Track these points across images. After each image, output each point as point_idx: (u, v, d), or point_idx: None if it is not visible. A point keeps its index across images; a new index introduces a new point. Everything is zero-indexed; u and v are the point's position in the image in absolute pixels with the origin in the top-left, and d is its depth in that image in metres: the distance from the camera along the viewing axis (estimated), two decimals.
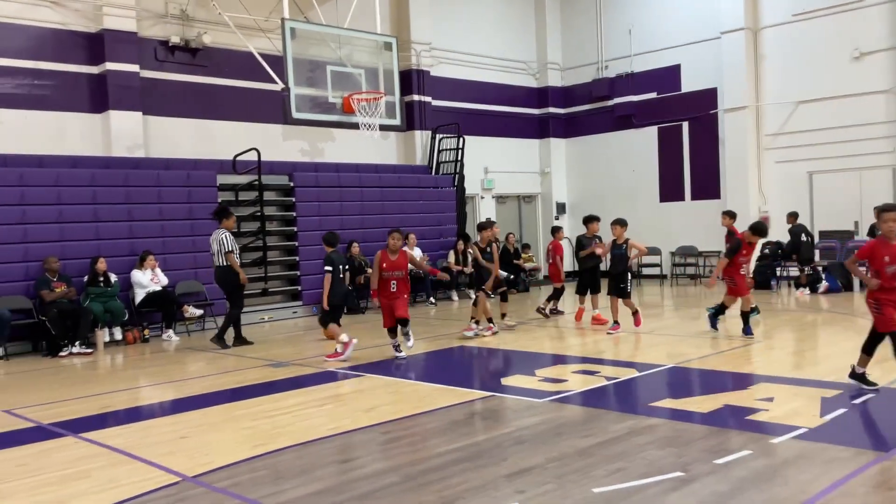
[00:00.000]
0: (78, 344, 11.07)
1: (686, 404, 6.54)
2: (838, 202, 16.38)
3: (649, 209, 19.62)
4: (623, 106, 19.98)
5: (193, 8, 14.59)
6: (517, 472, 4.90)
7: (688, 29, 18.74)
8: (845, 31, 16.24)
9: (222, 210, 11.32)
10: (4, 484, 5.14)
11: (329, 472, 5.12)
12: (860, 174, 16.29)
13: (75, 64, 13.44)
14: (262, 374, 8.95)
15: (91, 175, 12.47)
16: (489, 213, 20.07)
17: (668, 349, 9.41)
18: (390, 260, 9.15)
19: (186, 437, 6.23)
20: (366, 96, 12.33)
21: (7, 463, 5.65)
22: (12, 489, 5.05)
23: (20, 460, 5.71)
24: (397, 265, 9.17)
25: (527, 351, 9.95)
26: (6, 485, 5.13)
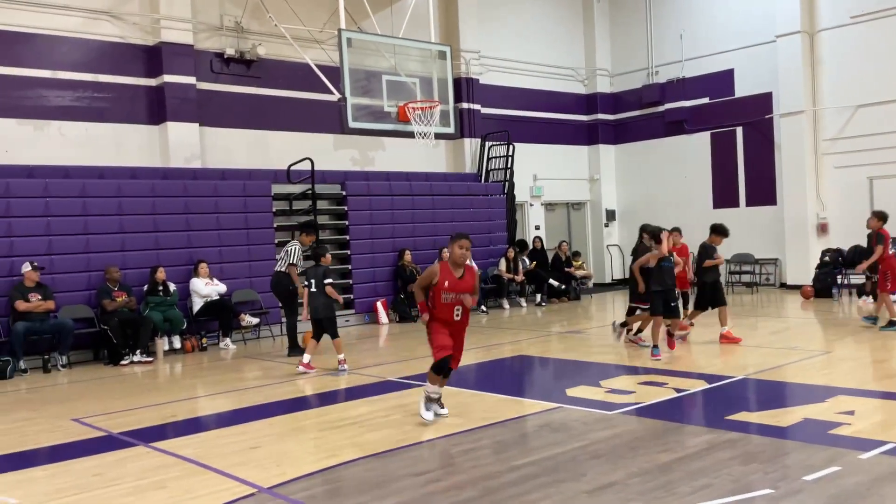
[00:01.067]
0: (138, 352, 11.21)
1: (764, 418, 6.35)
2: None
3: (702, 216, 19.17)
4: (674, 111, 19.70)
5: (248, 20, 14.76)
6: (599, 488, 4.79)
7: (741, 33, 18.41)
8: None
9: (306, 224, 11.81)
10: (84, 493, 5.19)
11: (405, 485, 5.05)
12: None
13: (134, 77, 13.67)
14: (322, 383, 8.96)
15: (150, 186, 12.65)
16: (538, 220, 19.95)
17: (733, 360, 9.19)
18: (454, 278, 6.48)
19: (256, 447, 6.23)
20: (421, 105, 12.32)
21: (84, 472, 5.70)
22: (92, 498, 5.08)
23: (95, 469, 5.76)
24: (463, 286, 6.52)
25: (586, 361, 9.81)
26: (86, 494, 5.17)
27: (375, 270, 15.02)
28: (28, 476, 5.73)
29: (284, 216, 14.25)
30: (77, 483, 5.43)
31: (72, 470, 5.80)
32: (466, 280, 6.60)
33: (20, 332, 10.52)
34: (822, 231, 17.19)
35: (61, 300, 11.31)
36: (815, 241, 17.09)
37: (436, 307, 6.54)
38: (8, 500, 5.13)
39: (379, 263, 15.15)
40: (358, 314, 14.79)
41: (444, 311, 6.53)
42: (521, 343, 11.53)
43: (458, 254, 6.61)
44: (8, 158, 12.22)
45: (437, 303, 6.53)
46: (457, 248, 6.61)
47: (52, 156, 12.63)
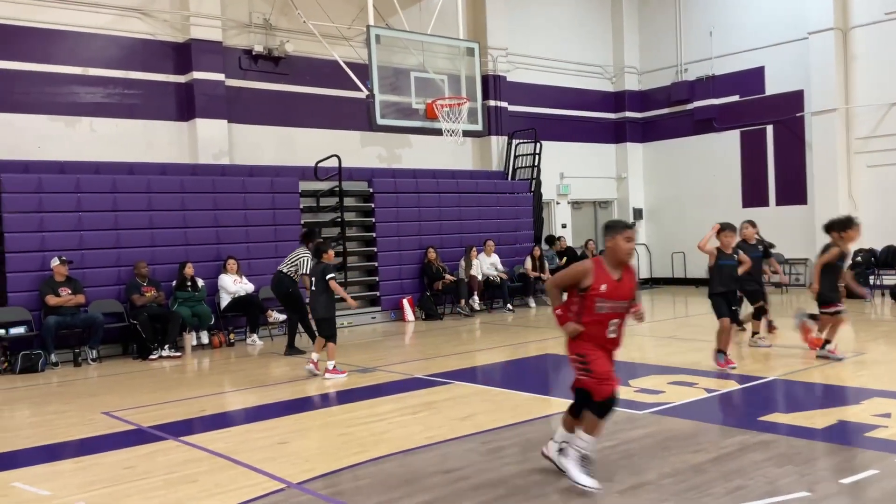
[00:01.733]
0: (167, 347, 11.29)
1: (797, 419, 6.25)
2: None
3: (731, 215, 18.86)
4: (703, 109, 19.49)
5: (277, 17, 14.82)
6: (631, 488, 4.73)
7: (772, 30, 18.17)
8: None
9: (309, 233, 11.29)
10: (115, 486, 5.22)
11: (434, 482, 5.03)
12: None
13: (164, 73, 13.78)
14: (350, 379, 8.95)
15: (180, 182, 12.74)
16: (565, 219, 19.84)
17: (763, 361, 9.06)
18: (612, 281, 4.79)
19: (285, 442, 6.24)
20: (449, 102, 12.29)
21: (115, 465, 5.74)
22: (123, 492, 5.11)
23: (126, 463, 5.79)
24: (623, 292, 4.84)
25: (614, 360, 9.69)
26: (117, 487, 5.20)
27: (402, 268, 15.02)
28: (59, 468, 5.79)
29: (311, 213, 14.30)
30: (108, 476, 5.47)
31: (102, 463, 5.84)
32: (626, 284, 4.85)
33: (51, 326, 10.65)
34: None
35: (92, 295, 11.44)
36: None
37: (585, 319, 4.80)
38: (40, 492, 5.18)
39: (405, 261, 15.15)
40: (384, 312, 14.80)
41: (595, 326, 4.80)
42: (548, 342, 11.44)
43: (624, 249, 4.81)
44: (40, 154, 12.37)
45: (586, 313, 4.79)
46: (623, 240, 4.81)
47: (83, 152, 12.77)
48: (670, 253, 20.29)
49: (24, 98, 12.41)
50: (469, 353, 10.45)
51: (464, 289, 14.99)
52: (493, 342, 11.65)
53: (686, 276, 19.89)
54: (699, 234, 20.01)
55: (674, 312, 15.02)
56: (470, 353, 10.51)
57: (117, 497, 5.00)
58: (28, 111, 12.42)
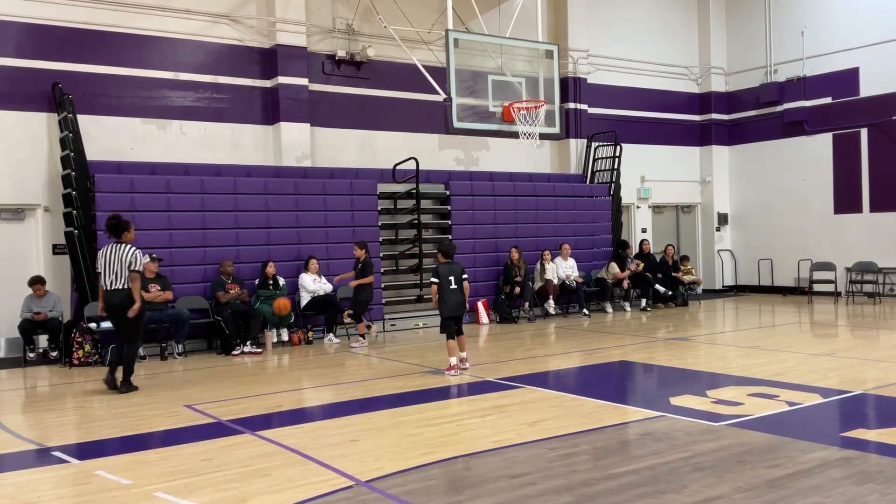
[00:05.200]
0: (249, 343, 11.63)
1: (883, 436, 5.97)
2: None
3: (822, 221, 18.36)
4: (793, 112, 18.82)
5: (359, 23, 15.08)
6: (701, 502, 4.61)
7: (867, 29, 17.40)
8: None
9: (124, 224, 9.06)
10: (193, 478, 5.41)
11: (501, 486, 5.02)
12: None
13: (250, 78, 14.20)
14: (422, 381, 9.03)
15: (264, 183, 13.11)
16: (645, 223, 19.48)
17: (851, 374, 8.69)
18: None
19: (356, 440, 6.34)
20: (526, 105, 12.24)
21: (193, 457, 5.96)
22: (200, 483, 5.30)
23: (204, 455, 6.00)
24: None
25: (693, 369, 9.49)
26: (194, 479, 5.39)
27: (477, 270, 15.03)
28: (142, 458, 6.03)
29: (389, 215, 14.48)
30: (186, 467, 5.68)
31: (182, 454, 6.07)
32: None
33: None
34: None
35: (179, 291, 11.89)
36: None
37: None
38: (121, 481, 5.41)
39: (480, 264, 15.17)
40: None
41: None
42: (624, 348, 11.29)
43: None
44: (133, 155, 12.93)
45: None
46: None
47: (173, 153, 13.29)
48: (756, 260, 19.66)
49: (119, 101, 12.99)
50: (542, 358, 10.39)
51: (528, 293, 14.86)
52: (567, 347, 11.54)
53: (773, 284, 19.24)
54: (788, 240, 19.65)
55: (759, 321, 14.55)
56: (542, 357, 10.45)
57: (193, 488, 5.19)
58: (122, 114, 13.00)
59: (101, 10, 12.79)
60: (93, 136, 12.49)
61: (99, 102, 12.79)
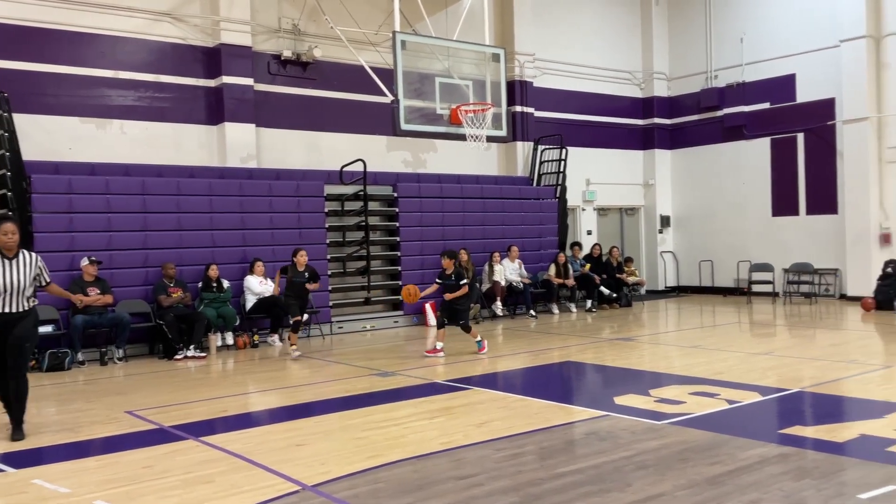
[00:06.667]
0: (192, 348, 11.42)
1: (819, 432, 6.16)
2: None
3: (760, 223, 18.86)
4: (733, 116, 19.29)
5: (305, 23, 14.96)
6: (644, 500, 4.70)
7: (804, 37, 17.94)
8: None
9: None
10: (134, 485, 5.29)
11: (448, 487, 5.04)
12: None
13: (194, 77, 13.95)
14: (370, 383, 8.99)
15: (208, 184, 12.89)
16: (590, 225, 19.75)
17: (789, 372, 8.95)
18: None
19: (302, 444, 6.29)
20: (473, 107, 12.30)
21: (134, 464, 5.82)
22: (141, 490, 5.18)
23: (145, 462, 5.87)
24: None
25: (636, 369, 9.66)
26: (135, 486, 5.28)
27: (424, 272, 15.03)
28: (81, 466, 5.88)
29: (336, 217, 14.38)
30: (127, 474, 5.55)
31: (122, 461, 5.93)
32: None
33: (79, 325, 10.82)
34: (885, 241, 16.62)
35: (119, 295, 11.60)
36: (878, 252, 16.53)
37: None
38: (59, 489, 5.26)
39: (428, 265, 15.16)
40: (406, 316, 14.83)
41: None
42: (569, 349, 11.42)
43: None
44: (71, 156, 12.59)
45: None
46: None
47: (113, 154, 12.98)
48: (698, 261, 20.09)
49: (56, 100, 12.64)
50: (489, 359, 10.43)
51: (476, 295, 14.90)
52: (514, 348, 11.63)
53: (714, 285, 19.69)
54: (728, 242, 20.14)
55: (700, 322, 14.88)
56: (490, 359, 10.50)
57: (134, 496, 5.07)
58: (60, 113, 12.65)
59: (39, 6, 12.42)
60: (29, 135, 12.12)
61: (36, 101, 12.41)
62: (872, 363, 9.41)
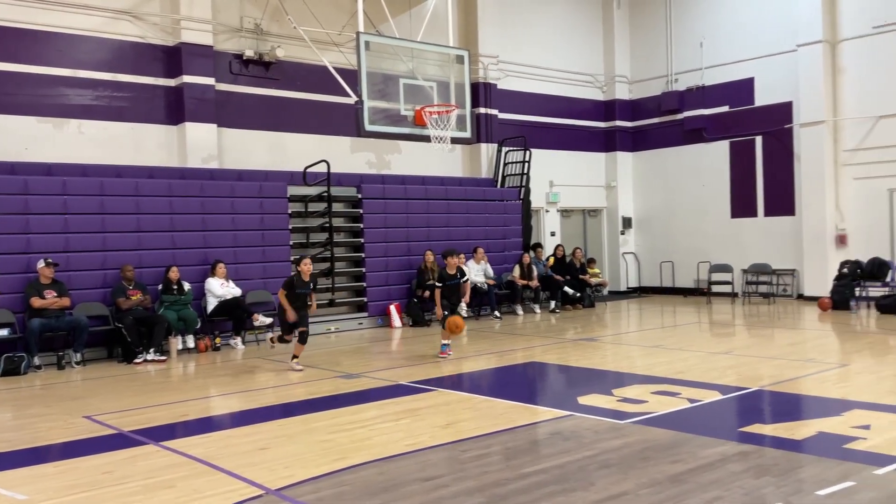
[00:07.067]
0: (152, 351, 11.25)
1: (778, 430, 6.27)
2: None
3: (720, 225, 19.16)
4: (693, 119, 19.58)
5: (268, 22, 14.83)
6: (607, 498, 4.74)
7: (762, 41, 18.28)
8: None
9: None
10: (93, 491, 5.20)
11: (414, 489, 5.03)
12: None
13: (153, 77, 13.76)
14: (334, 385, 8.95)
15: (168, 185, 12.72)
16: (554, 226, 19.88)
17: (748, 371, 9.10)
18: None
19: (266, 448, 6.23)
20: (437, 109, 12.31)
21: (93, 469, 5.72)
22: (101, 496, 5.09)
23: (105, 467, 5.77)
24: None
25: (599, 369, 9.75)
26: (95, 492, 5.18)
27: (389, 274, 15.02)
28: (39, 472, 5.75)
29: (300, 218, 14.29)
30: (87, 480, 5.45)
31: (82, 467, 5.82)
32: None
33: (35, 328, 10.59)
34: (841, 242, 17.01)
35: (77, 298, 11.38)
36: (834, 253, 16.91)
37: None
38: (16, 496, 5.15)
39: (393, 267, 15.15)
40: (371, 318, 14.78)
41: None
42: (534, 349, 11.49)
43: None
44: (27, 156, 12.33)
45: None
46: None
47: (71, 154, 12.74)
48: (659, 262, 20.34)
49: (12, 99, 12.36)
50: (454, 361, 10.44)
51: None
52: (479, 349, 11.65)
53: (674, 285, 19.95)
54: (688, 243, 20.38)
55: (661, 322, 15.07)
56: (455, 360, 10.50)
57: (93, 502, 4.98)
58: (16, 112, 12.38)
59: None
60: None
61: None
62: (829, 362, 9.62)
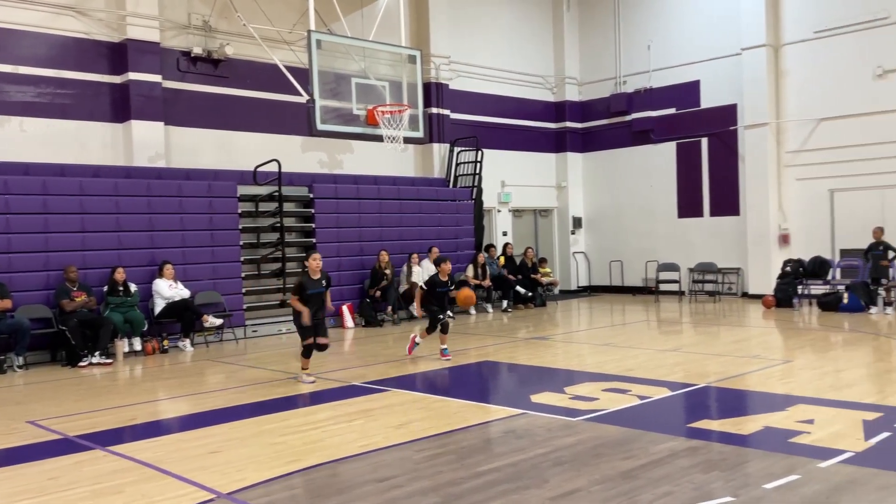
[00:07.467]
0: (97, 354, 11.00)
1: (725, 426, 6.42)
2: (860, 220, 16.20)
3: (667, 225, 19.52)
4: (641, 121, 19.90)
5: (216, 19, 14.62)
6: (561, 495, 4.79)
7: (708, 45, 18.67)
8: (868, 49, 16.14)
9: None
10: (39, 498, 5.06)
11: (367, 490, 5.01)
12: (882, 192, 16.15)
13: (98, 73, 13.45)
14: (286, 387, 8.86)
15: (113, 184, 12.44)
16: (505, 226, 20.00)
17: (695, 368, 9.28)
18: None
19: (217, 451, 6.14)
20: (390, 108, 12.28)
21: (39, 476, 5.57)
22: (47, 503, 4.95)
23: (51, 473, 5.62)
24: None
25: (552, 367, 9.85)
26: (40, 499, 5.04)
27: (341, 274, 14.91)
28: None
29: (250, 218, 14.11)
30: (31, 487, 5.30)
31: (26, 473, 5.66)
32: None
33: None
34: (784, 242, 17.47)
35: (18, 300, 11.05)
36: (777, 252, 17.36)
37: None
38: None
39: (345, 267, 15.06)
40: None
41: None
42: (487, 349, 11.54)
43: None
44: None
45: None
46: None
47: (12, 152, 12.37)
48: (608, 261, 20.63)
49: None
50: (407, 361, 10.43)
51: (392, 295, 14.91)
52: (432, 349, 11.65)
53: (623, 284, 20.25)
54: (637, 243, 20.71)
55: (611, 320, 15.28)
56: (408, 360, 10.50)
57: None
58: None
59: None
60: None
61: None
62: (773, 358, 9.87)
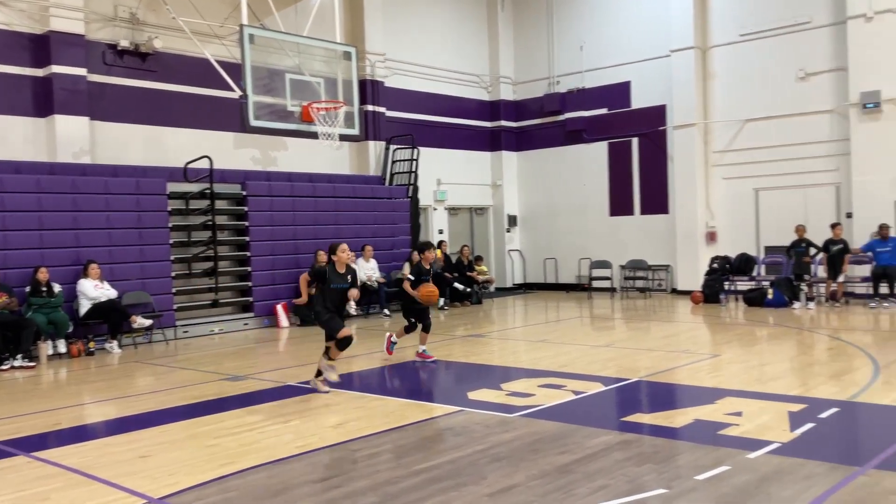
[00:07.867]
0: (20, 357, 10.59)
1: (657, 419, 6.56)
2: (783, 218, 16.79)
3: (599, 223, 19.86)
4: (574, 121, 20.19)
5: (144, 12, 14.22)
6: (499, 491, 4.81)
7: (638, 47, 19.06)
8: (791, 52, 16.73)
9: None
10: None
11: (305, 492, 4.94)
12: (804, 191, 16.77)
13: (19, 66, 12.94)
14: (219, 388, 8.68)
15: (36, 181, 12.00)
16: (441, 224, 20.03)
17: (627, 363, 9.46)
18: None
19: (147, 455, 5.97)
20: (325, 105, 12.15)
21: None
22: None
23: None
24: None
25: (488, 364, 9.90)
26: None
27: (275, 273, 14.71)
28: None
29: (181, 216, 13.78)
30: None
31: None
32: None
33: None
34: (711, 239, 17.98)
35: None
36: (705, 249, 17.85)
37: None
38: None
39: (279, 266, 14.85)
40: (257, 318, 14.44)
41: None
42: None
43: None
44: None
45: None
46: None
47: None
48: (543, 259, 20.87)
49: None
50: (344, 360, 10.32)
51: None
52: (369, 348, 11.59)
53: (557, 281, 20.52)
54: (570, 240, 20.92)
55: (546, 317, 15.46)
56: (345, 359, 10.39)
57: None
58: None
59: None
60: None
61: None
62: (702, 352, 10.14)
